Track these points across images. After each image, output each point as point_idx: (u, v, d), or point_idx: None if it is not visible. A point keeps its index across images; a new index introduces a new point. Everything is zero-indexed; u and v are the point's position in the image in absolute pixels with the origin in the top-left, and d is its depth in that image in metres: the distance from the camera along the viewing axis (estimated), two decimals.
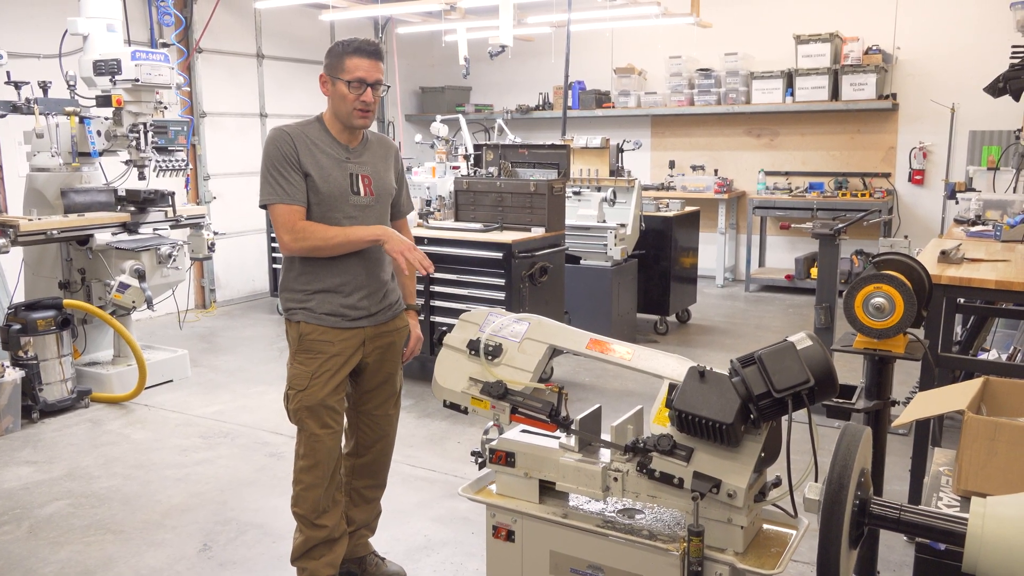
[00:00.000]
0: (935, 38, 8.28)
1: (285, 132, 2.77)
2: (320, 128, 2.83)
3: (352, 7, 8.12)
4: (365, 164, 2.86)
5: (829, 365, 1.91)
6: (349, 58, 2.72)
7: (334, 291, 2.81)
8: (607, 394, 5.41)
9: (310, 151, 2.76)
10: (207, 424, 4.94)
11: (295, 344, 2.85)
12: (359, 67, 2.71)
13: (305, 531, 2.90)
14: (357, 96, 2.72)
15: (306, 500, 2.87)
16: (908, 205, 8.68)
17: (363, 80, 2.71)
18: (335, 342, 2.81)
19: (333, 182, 2.77)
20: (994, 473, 1.74)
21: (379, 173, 2.90)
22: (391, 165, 2.99)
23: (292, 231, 2.71)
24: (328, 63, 2.78)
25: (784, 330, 7.20)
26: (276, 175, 2.72)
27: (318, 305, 2.81)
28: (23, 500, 3.91)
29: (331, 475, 2.89)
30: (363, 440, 3.07)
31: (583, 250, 6.36)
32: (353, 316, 2.84)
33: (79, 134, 5.42)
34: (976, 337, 4.60)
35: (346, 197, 2.79)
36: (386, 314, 2.95)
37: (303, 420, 2.83)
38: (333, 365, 2.82)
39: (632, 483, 2.15)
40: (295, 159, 2.72)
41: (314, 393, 2.80)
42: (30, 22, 6.57)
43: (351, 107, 2.74)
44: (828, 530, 1.42)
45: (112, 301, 5.24)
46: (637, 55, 9.82)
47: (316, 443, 2.83)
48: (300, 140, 2.76)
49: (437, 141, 7.28)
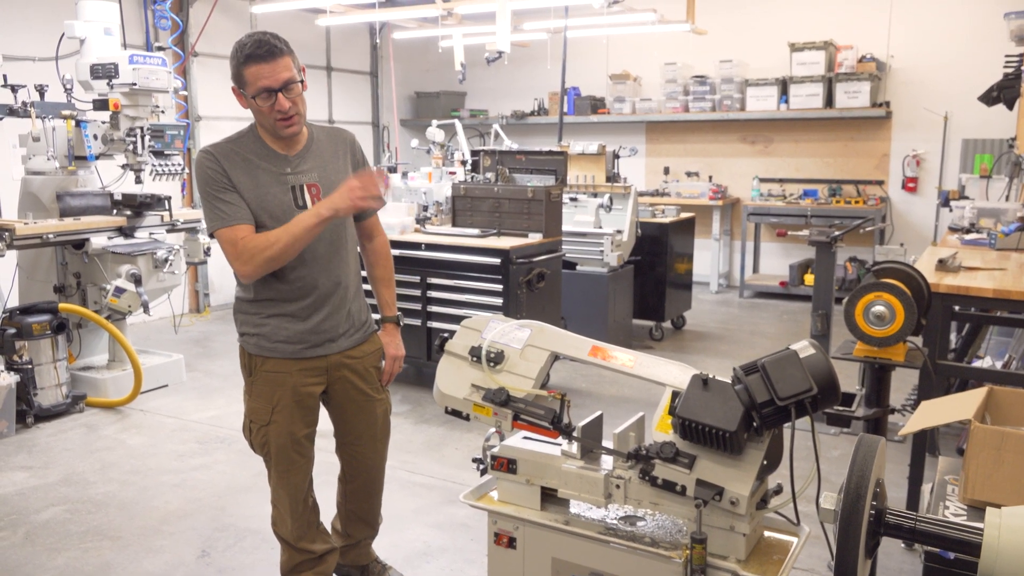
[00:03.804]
0: (928, 47, 8.34)
1: (210, 155, 2.50)
2: (254, 139, 2.55)
3: (348, 12, 8.11)
4: (310, 171, 2.57)
5: (832, 373, 1.93)
6: (246, 68, 2.40)
7: (291, 316, 2.59)
8: (603, 400, 5.42)
9: (244, 168, 2.50)
10: (203, 429, 4.92)
11: (250, 374, 2.66)
12: (260, 75, 2.39)
13: (287, 551, 2.85)
14: (271, 107, 2.43)
15: (283, 524, 2.80)
16: (901, 212, 8.73)
17: (269, 88, 2.40)
18: (293, 372, 2.61)
19: (273, 200, 2.50)
20: (1001, 482, 1.75)
21: (329, 178, 2.59)
22: (346, 162, 2.68)
23: (237, 256, 2.47)
24: (233, 76, 2.46)
25: (778, 336, 7.23)
26: (213, 200, 2.47)
27: (273, 331, 2.60)
28: (19, 506, 3.89)
29: (302, 503, 2.78)
30: (348, 467, 2.92)
31: (579, 256, 6.37)
32: (314, 343, 2.62)
33: (75, 138, 5.40)
34: (971, 345, 4.63)
35: (289, 214, 2.50)
36: (352, 338, 2.72)
37: (269, 454, 2.69)
38: (294, 396, 2.62)
39: (634, 490, 2.16)
40: (225, 181, 2.47)
41: (280, 427, 2.63)
42: (26, 25, 6.55)
43: (272, 119, 2.46)
44: (846, 540, 1.42)
45: (108, 305, 5.22)
46: (632, 62, 9.86)
47: (281, 477, 2.72)
48: (229, 159, 2.50)
49: (433, 146, 7.29)
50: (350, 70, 10.06)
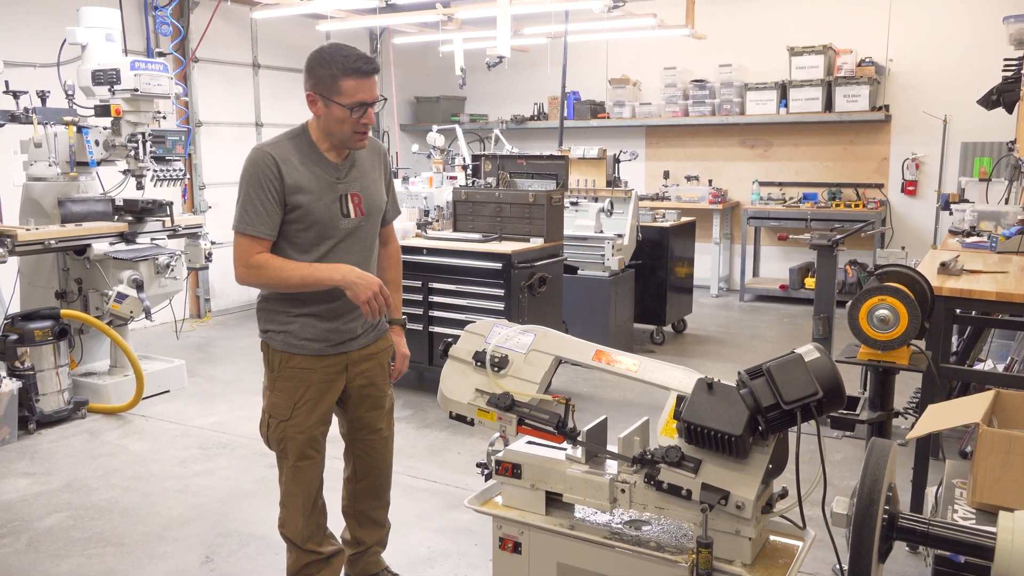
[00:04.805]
0: (927, 51, 8.37)
1: (269, 155, 2.53)
2: (308, 144, 2.60)
3: (349, 17, 8.13)
4: (354, 181, 2.67)
5: (837, 377, 1.93)
6: (345, 79, 2.47)
7: (319, 316, 2.64)
8: (605, 404, 5.42)
9: (299, 173, 2.55)
10: (205, 435, 4.92)
11: (274, 370, 2.69)
12: (359, 89, 2.48)
13: (294, 552, 2.85)
14: (358, 119, 2.52)
15: (292, 524, 2.81)
16: (901, 216, 8.74)
17: (364, 102, 2.50)
18: (317, 369, 2.67)
19: (323, 208, 2.57)
20: (1010, 485, 1.75)
21: (368, 188, 2.70)
22: (381, 174, 2.80)
23: (247, 264, 2.52)
24: (317, 82, 2.51)
25: (779, 340, 7.23)
26: (248, 203, 2.52)
27: (300, 330, 2.65)
28: (22, 512, 3.89)
29: (312, 503, 2.82)
30: (360, 465, 2.95)
31: (580, 260, 6.38)
32: (337, 341, 2.68)
33: (77, 144, 5.41)
34: (972, 348, 4.63)
35: (336, 222, 2.60)
36: (370, 336, 2.79)
37: (285, 451, 2.72)
38: (316, 393, 2.68)
39: (639, 495, 2.16)
40: (276, 187, 2.51)
41: (298, 423, 2.68)
42: (28, 31, 6.56)
43: (350, 130, 2.54)
44: (859, 544, 1.42)
45: (110, 311, 5.22)
46: (632, 66, 9.88)
47: (296, 473, 2.75)
48: (286, 163, 2.53)
49: (434, 151, 7.30)
50: None
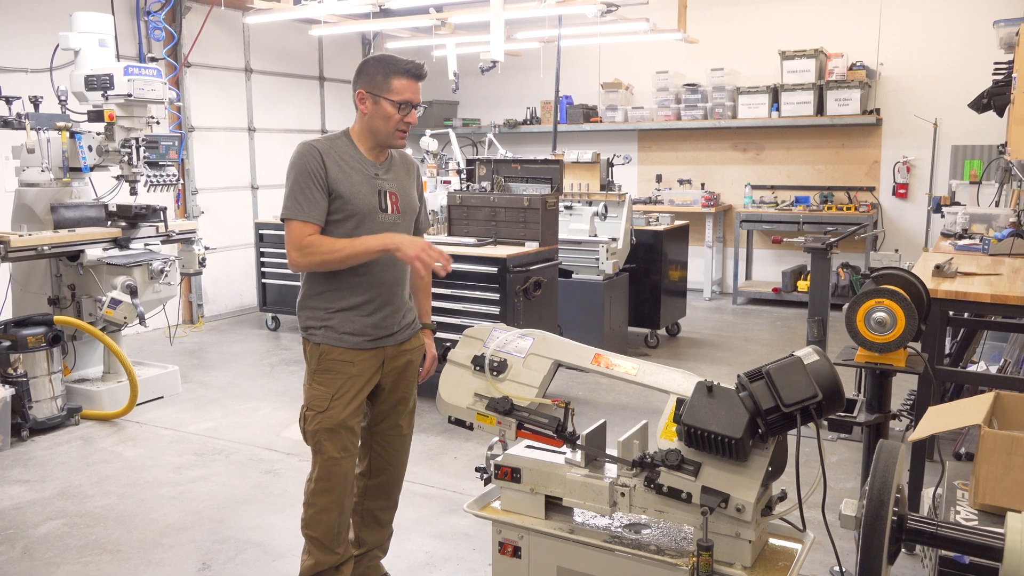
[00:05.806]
0: (918, 55, 8.42)
1: (314, 148, 2.72)
2: (349, 144, 2.79)
3: (342, 22, 8.12)
4: (392, 181, 2.84)
5: (836, 379, 1.94)
6: (397, 79, 2.70)
7: (357, 309, 2.77)
8: (600, 408, 5.43)
9: (340, 167, 2.72)
10: (200, 441, 4.90)
11: (314, 364, 2.80)
12: (408, 88, 2.71)
13: (316, 554, 2.85)
14: (403, 117, 2.72)
15: (320, 523, 2.83)
16: (892, 219, 8.79)
17: (411, 102, 2.72)
18: (356, 362, 2.78)
19: (363, 199, 2.74)
20: (1012, 487, 1.76)
21: (404, 190, 2.89)
22: (414, 182, 2.98)
23: (299, 247, 2.67)
24: (368, 80, 2.72)
25: (773, 343, 7.25)
26: (297, 191, 2.68)
27: (340, 324, 2.77)
28: (16, 520, 3.86)
29: (345, 498, 2.86)
30: (376, 461, 3.02)
31: (575, 264, 6.39)
32: (375, 336, 2.80)
33: (70, 149, 5.39)
34: (966, 350, 4.66)
35: (375, 215, 2.76)
36: (405, 333, 2.92)
37: (321, 443, 2.78)
38: (354, 386, 2.78)
39: (639, 498, 2.17)
40: (321, 176, 2.68)
41: (335, 414, 2.76)
42: (20, 37, 6.52)
43: (394, 127, 2.74)
44: (870, 546, 1.42)
45: (103, 317, 5.19)
46: (624, 70, 9.91)
47: (333, 466, 2.79)
48: (329, 156, 2.72)
49: (427, 156, 7.30)
50: (343, 80, 10.05)
